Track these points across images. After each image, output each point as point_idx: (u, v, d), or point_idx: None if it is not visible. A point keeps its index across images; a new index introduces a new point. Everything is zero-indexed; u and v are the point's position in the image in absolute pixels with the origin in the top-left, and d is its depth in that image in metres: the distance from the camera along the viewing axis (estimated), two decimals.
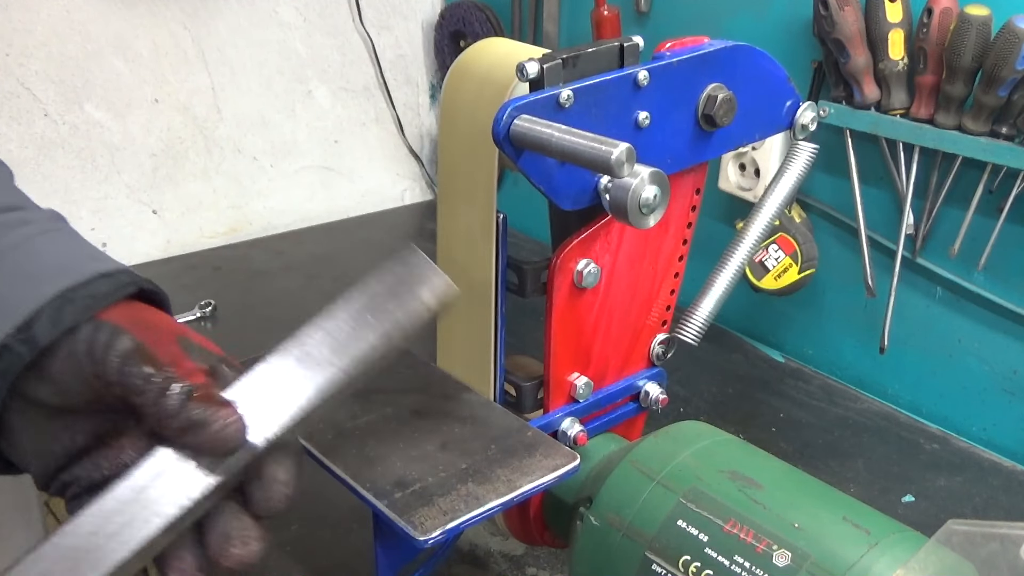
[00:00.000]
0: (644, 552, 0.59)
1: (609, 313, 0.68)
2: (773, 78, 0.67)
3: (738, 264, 0.69)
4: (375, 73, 1.62)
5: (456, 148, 0.65)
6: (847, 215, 1.12)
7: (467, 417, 0.65)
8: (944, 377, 1.10)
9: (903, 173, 1.03)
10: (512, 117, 0.54)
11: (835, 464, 1.01)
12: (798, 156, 0.69)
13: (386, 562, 0.60)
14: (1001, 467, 1.01)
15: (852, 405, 1.12)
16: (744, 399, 1.13)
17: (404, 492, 0.57)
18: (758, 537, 0.55)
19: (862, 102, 1.02)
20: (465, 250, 0.67)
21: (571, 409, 0.69)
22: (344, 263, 1.45)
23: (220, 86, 1.46)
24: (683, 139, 0.64)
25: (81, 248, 0.51)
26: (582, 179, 0.58)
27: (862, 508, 0.58)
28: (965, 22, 0.91)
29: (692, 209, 0.70)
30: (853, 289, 1.14)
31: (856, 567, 0.52)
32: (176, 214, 1.47)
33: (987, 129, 0.94)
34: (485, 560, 0.85)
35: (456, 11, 1.53)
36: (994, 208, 0.98)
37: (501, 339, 0.67)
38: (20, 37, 1.26)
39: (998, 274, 1.01)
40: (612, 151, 0.50)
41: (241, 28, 1.45)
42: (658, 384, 0.74)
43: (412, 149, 1.71)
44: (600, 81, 0.58)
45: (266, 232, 1.57)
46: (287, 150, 1.57)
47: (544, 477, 0.59)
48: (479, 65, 0.64)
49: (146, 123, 1.40)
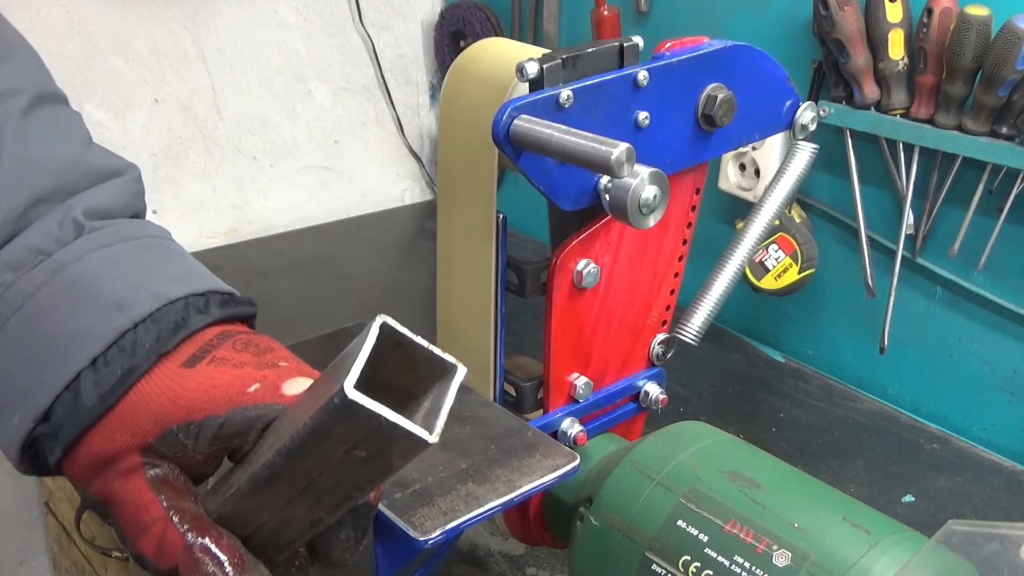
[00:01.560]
0: (644, 552, 0.59)
1: (609, 313, 0.68)
2: (773, 78, 0.67)
3: (738, 264, 0.69)
4: (375, 73, 1.62)
5: (456, 148, 0.65)
6: (847, 215, 1.12)
7: (467, 417, 0.65)
8: (944, 377, 1.10)
9: (903, 173, 1.03)
10: (512, 117, 0.54)
11: (835, 464, 1.01)
12: (798, 156, 0.69)
13: (386, 562, 0.60)
14: (1001, 467, 1.01)
15: (852, 405, 1.12)
16: (744, 399, 1.13)
17: (404, 492, 0.57)
18: (758, 537, 0.55)
19: (862, 102, 1.02)
20: (465, 250, 0.66)
21: (571, 409, 0.69)
22: (344, 263, 1.46)
23: (220, 86, 1.46)
24: (683, 139, 0.64)
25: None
26: (582, 179, 0.58)
27: (862, 508, 0.58)
28: (965, 22, 0.91)
29: (692, 209, 0.70)
30: (853, 289, 1.14)
31: (856, 567, 0.52)
32: (176, 214, 1.47)
33: (987, 129, 0.94)
34: (485, 560, 0.85)
35: (456, 11, 1.53)
36: (994, 208, 0.98)
37: (501, 339, 0.67)
38: None
39: (998, 274, 1.01)
40: (612, 151, 0.50)
41: (241, 28, 1.45)
42: (658, 384, 0.74)
43: (412, 149, 1.71)
44: (600, 81, 0.58)
45: (266, 232, 1.57)
46: (287, 150, 1.57)
47: (544, 477, 0.59)
48: (479, 65, 0.64)
49: (146, 123, 1.40)
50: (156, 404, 0.44)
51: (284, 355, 0.47)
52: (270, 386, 0.44)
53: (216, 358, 0.46)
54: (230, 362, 0.45)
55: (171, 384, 0.45)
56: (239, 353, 0.46)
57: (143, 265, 0.48)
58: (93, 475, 0.45)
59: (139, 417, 0.44)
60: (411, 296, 1.36)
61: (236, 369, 0.45)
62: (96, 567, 1.30)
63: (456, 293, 0.69)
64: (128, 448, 0.44)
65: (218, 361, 0.45)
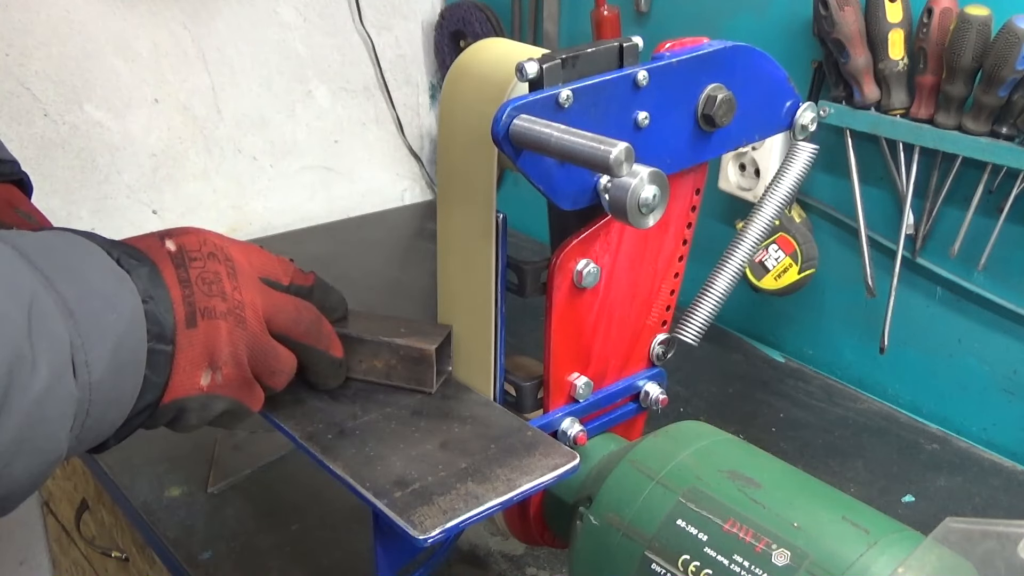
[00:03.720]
0: (644, 551, 0.59)
1: (609, 313, 0.68)
2: (773, 78, 0.67)
3: (738, 264, 0.69)
4: (375, 73, 1.63)
5: (456, 148, 0.65)
6: (847, 215, 1.12)
7: (467, 417, 0.65)
8: (944, 377, 1.10)
9: (903, 173, 1.03)
10: (511, 117, 0.54)
11: (835, 464, 1.01)
12: (798, 156, 0.69)
13: (386, 562, 0.60)
14: (1001, 467, 1.01)
15: (852, 405, 1.12)
16: (744, 399, 1.13)
17: (404, 491, 0.57)
18: (757, 536, 0.55)
19: (862, 102, 1.02)
20: (465, 250, 0.67)
21: (571, 409, 0.69)
22: (344, 263, 1.46)
23: (220, 86, 1.46)
24: (683, 139, 0.64)
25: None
26: (581, 179, 0.58)
27: (861, 508, 0.58)
28: (965, 22, 0.91)
29: (692, 209, 0.70)
30: (853, 289, 1.14)
31: (855, 566, 0.52)
32: (176, 214, 1.47)
33: (987, 129, 0.94)
34: (485, 560, 0.85)
35: (456, 11, 1.53)
36: (994, 208, 0.98)
37: (501, 339, 0.67)
38: (20, 37, 1.26)
39: (998, 274, 1.01)
40: (611, 150, 0.50)
41: (241, 28, 1.45)
42: (658, 384, 0.74)
43: (412, 149, 1.71)
44: (599, 81, 0.58)
45: (266, 232, 1.57)
46: (287, 150, 1.57)
47: (544, 476, 0.59)
48: (479, 65, 0.64)
49: (146, 123, 1.40)
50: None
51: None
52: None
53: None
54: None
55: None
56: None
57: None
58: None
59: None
60: (411, 296, 1.36)
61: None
62: (96, 567, 1.30)
63: (456, 293, 0.69)
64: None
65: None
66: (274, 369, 0.60)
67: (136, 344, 0.51)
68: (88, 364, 0.47)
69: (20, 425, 0.44)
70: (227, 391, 0.57)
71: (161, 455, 0.99)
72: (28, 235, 0.50)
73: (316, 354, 0.63)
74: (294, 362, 0.62)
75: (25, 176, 0.84)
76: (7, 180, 0.82)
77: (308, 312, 0.62)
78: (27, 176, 0.84)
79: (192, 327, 0.54)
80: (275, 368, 0.60)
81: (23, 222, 0.78)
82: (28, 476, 0.46)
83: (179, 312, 0.54)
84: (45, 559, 1.57)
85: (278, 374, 0.60)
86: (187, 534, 0.88)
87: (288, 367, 0.61)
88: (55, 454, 0.47)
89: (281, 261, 0.64)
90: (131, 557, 1.11)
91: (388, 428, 0.64)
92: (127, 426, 0.53)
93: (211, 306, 0.55)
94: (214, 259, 0.57)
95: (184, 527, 0.89)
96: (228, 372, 0.57)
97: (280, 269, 0.63)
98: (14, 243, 0.48)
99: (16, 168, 0.83)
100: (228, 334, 0.56)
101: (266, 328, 0.59)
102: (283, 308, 0.60)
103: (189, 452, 0.99)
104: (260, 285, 0.60)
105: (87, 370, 0.47)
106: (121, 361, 0.49)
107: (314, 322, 0.62)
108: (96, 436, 0.51)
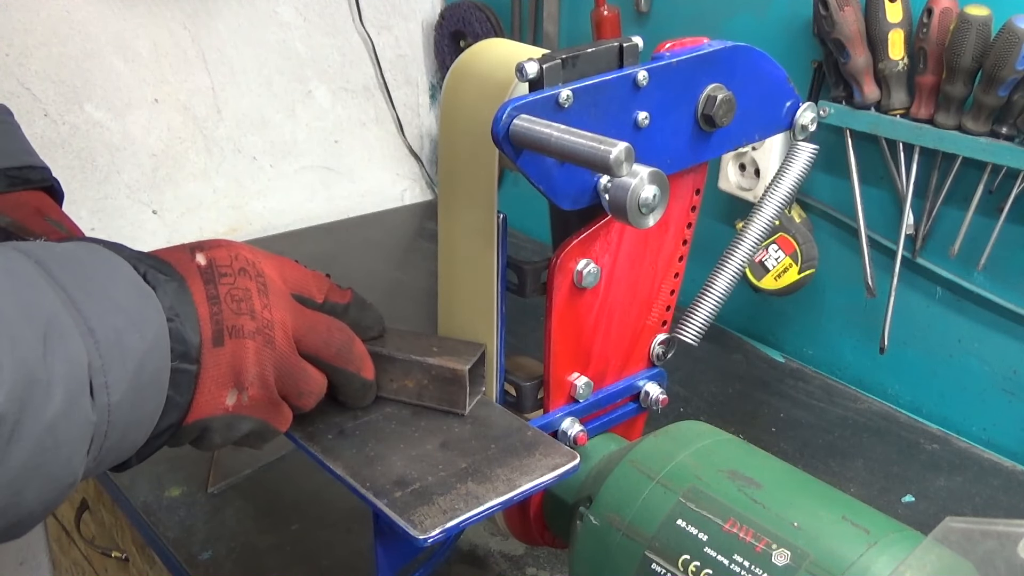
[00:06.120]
0: (644, 551, 0.59)
1: (609, 313, 0.68)
2: (773, 78, 0.67)
3: (738, 264, 0.69)
4: (375, 73, 1.63)
5: (456, 148, 0.65)
6: (847, 215, 1.12)
7: (467, 417, 0.65)
8: (944, 377, 1.10)
9: (903, 173, 1.03)
10: (511, 117, 0.54)
11: (835, 464, 1.01)
12: (798, 156, 0.69)
13: (386, 561, 0.60)
14: (1001, 467, 1.01)
15: (852, 405, 1.12)
16: (744, 399, 1.13)
17: (404, 491, 0.57)
18: (757, 536, 0.55)
19: (862, 102, 1.02)
20: (465, 250, 0.67)
21: (571, 409, 0.69)
22: (344, 263, 1.46)
23: (220, 86, 1.46)
24: (683, 139, 0.64)
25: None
26: (581, 179, 0.58)
27: (861, 508, 0.58)
28: (965, 22, 0.91)
29: (692, 209, 0.70)
30: (853, 289, 1.14)
31: (855, 566, 0.52)
32: (176, 214, 1.47)
33: (987, 129, 0.94)
34: (485, 560, 0.85)
35: (456, 11, 1.53)
36: (994, 208, 0.98)
37: (501, 339, 0.67)
38: (20, 37, 1.26)
39: (998, 274, 1.01)
40: (611, 150, 0.50)
41: (241, 28, 1.45)
42: (658, 384, 0.74)
43: (412, 149, 1.71)
44: (599, 81, 0.58)
45: (266, 232, 1.57)
46: (287, 150, 1.57)
47: (544, 476, 0.59)
48: (479, 65, 0.64)
49: (146, 123, 1.40)
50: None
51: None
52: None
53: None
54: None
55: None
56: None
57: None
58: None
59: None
60: (411, 296, 1.36)
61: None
62: (96, 567, 1.30)
63: (457, 293, 0.69)
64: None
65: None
66: (302, 390, 0.58)
67: (159, 364, 0.49)
68: (108, 386, 0.46)
69: (32, 452, 0.42)
70: (253, 412, 0.56)
71: (161, 455, 0.97)
72: (53, 247, 0.48)
73: (347, 376, 0.61)
74: (324, 383, 0.60)
75: (56, 182, 0.82)
76: (37, 187, 0.80)
77: (341, 333, 0.60)
78: (58, 183, 0.82)
79: (219, 346, 0.53)
80: (303, 389, 0.58)
81: (52, 230, 0.76)
82: (40, 503, 0.45)
83: (206, 330, 0.52)
84: (45, 559, 1.57)
85: (307, 395, 0.58)
86: (187, 534, 0.88)
87: (317, 388, 0.59)
88: (69, 479, 0.45)
89: (316, 277, 0.62)
90: (131, 557, 1.11)
91: (388, 428, 0.64)
92: (149, 446, 0.52)
93: (239, 324, 0.54)
94: (245, 275, 0.55)
95: (184, 527, 0.89)
96: (255, 393, 0.55)
97: (314, 285, 0.61)
98: (38, 257, 0.46)
99: (47, 174, 0.81)
100: (256, 354, 0.54)
101: (295, 348, 0.57)
102: (314, 328, 0.59)
103: (189, 452, 0.98)
104: (292, 303, 0.58)
105: (106, 392, 0.46)
106: (142, 382, 0.48)
107: (346, 343, 0.60)
108: (116, 457, 0.50)
